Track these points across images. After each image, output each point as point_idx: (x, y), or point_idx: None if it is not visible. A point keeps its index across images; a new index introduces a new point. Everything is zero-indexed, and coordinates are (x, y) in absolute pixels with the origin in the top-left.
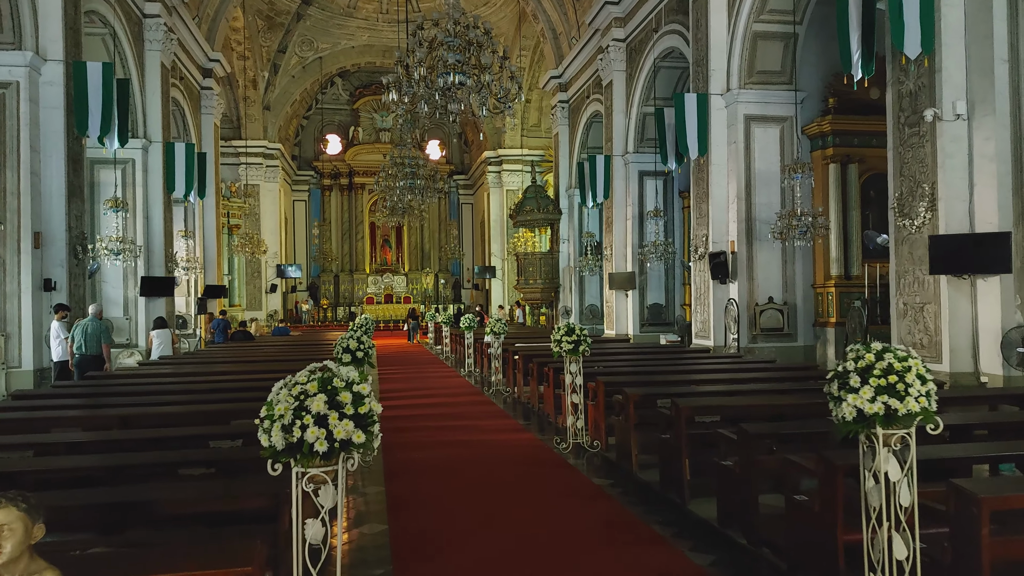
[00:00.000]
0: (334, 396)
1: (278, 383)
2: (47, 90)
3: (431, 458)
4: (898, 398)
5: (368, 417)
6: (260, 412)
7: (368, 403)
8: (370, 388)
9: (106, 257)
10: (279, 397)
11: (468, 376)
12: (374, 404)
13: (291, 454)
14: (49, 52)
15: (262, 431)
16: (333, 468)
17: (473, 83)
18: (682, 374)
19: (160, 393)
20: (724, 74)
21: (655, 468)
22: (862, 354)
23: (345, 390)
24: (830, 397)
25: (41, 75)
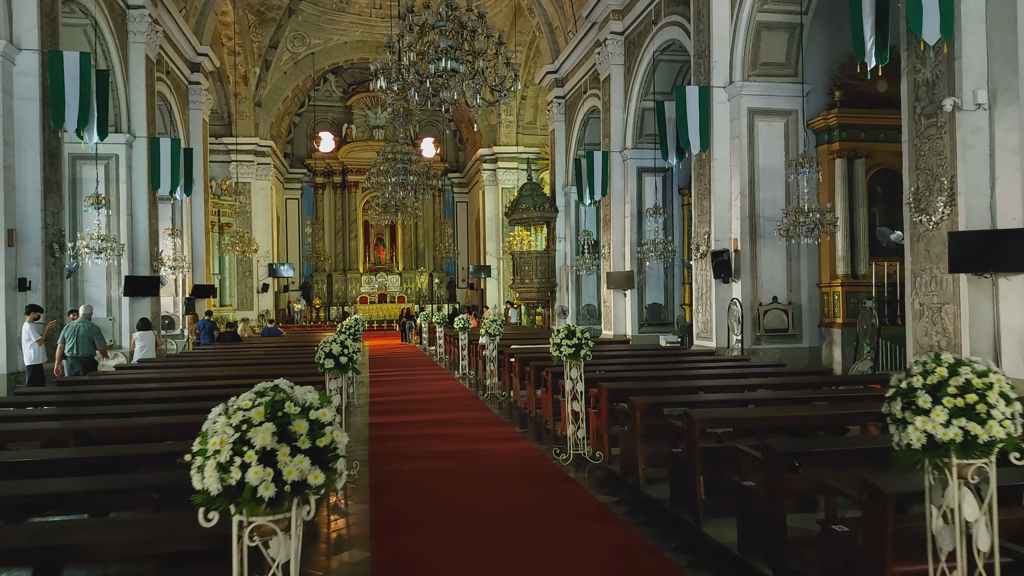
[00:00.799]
0: (286, 425)
1: (216, 408)
2: (22, 81)
3: (421, 471)
4: (978, 422)
5: (329, 451)
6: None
7: (330, 433)
8: (333, 414)
9: (87, 256)
10: (215, 427)
11: (462, 379)
12: (338, 434)
13: (230, 500)
14: (24, 41)
15: (195, 470)
16: (285, 516)
17: (467, 70)
18: (688, 379)
19: (132, 402)
20: (727, 66)
21: (663, 483)
22: (932, 367)
23: (300, 417)
24: (891, 419)
25: (15, 65)
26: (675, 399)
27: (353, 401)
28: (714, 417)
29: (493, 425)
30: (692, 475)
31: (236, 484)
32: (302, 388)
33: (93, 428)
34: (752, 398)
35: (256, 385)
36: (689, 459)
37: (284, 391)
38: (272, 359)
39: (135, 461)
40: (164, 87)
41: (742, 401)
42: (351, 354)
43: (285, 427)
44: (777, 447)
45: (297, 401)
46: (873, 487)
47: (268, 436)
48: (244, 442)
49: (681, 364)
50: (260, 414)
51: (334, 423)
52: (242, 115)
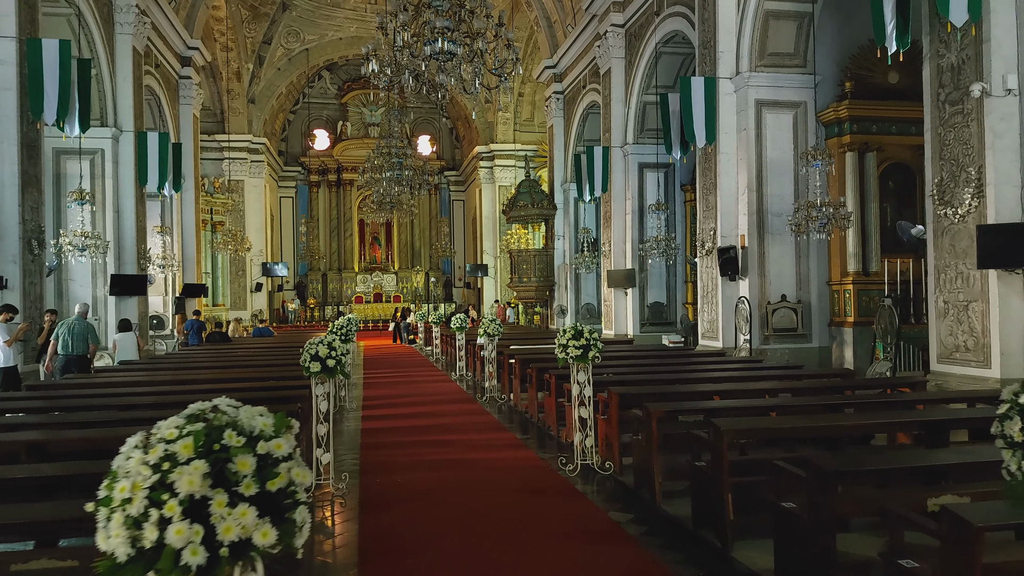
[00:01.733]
0: (225, 464)
1: (133, 438)
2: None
3: (415, 483)
4: None
5: (285, 497)
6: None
7: (286, 472)
8: (292, 445)
9: (70, 253)
10: (127, 466)
11: (460, 381)
12: (298, 473)
13: (144, 568)
14: (1, 28)
15: (100, 525)
16: None
17: (465, 52)
18: (700, 382)
19: (104, 408)
20: (733, 56)
21: (682, 498)
22: None
23: (244, 452)
24: (1007, 442)
25: None
26: (689, 405)
27: (345, 405)
28: (744, 428)
29: (492, 431)
30: (719, 492)
31: (153, 546)
32: (251, 409)
33: (51, 440)
34: (774, 404)
35: (191, 405)
36: (716, 474)
37: (225, 414)
38: (260, 360)
39: (93, 481)
40: (153, 81)
41: (763, 408)
42: (339, 356)
43: (224, 466)
44: (825, 465)
45: (242, 429)
46: (957, 518)
47: (198, 479)
48: (165, 487)
49: (690, 366)
50: (188, 448)
51: (294, 457)
52: (235, 112)
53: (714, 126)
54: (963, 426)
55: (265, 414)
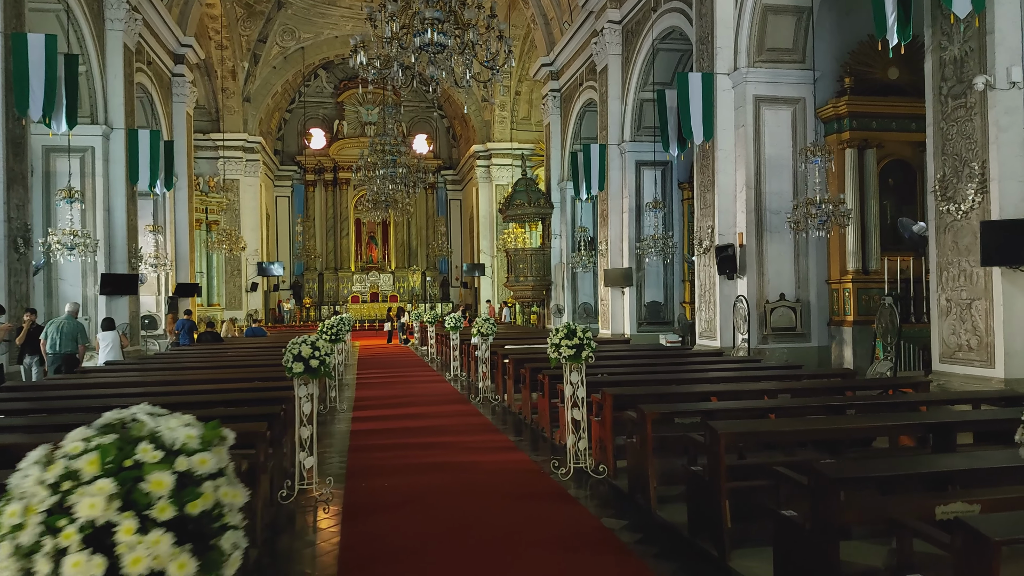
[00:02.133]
0: (135, 484)
1: (35, 451)
2: None
3: (403, 487)
4: None
5: (210, 521)
6: None
7: (212, 491)
8: (220, 460)
9: (59, 251)
10: (23, 485)
11: (454, 381)
12: (227, 491)
13: None
14: None
15: None
16: None
17: (455, 44)
18: (697, 383)
19: (78, 411)
20: (731, 52)
21: (677, 503)
22: None
23: (160, 469)
24: None
25: None
26: (686, 406)
27: (336, 406)
28: (742, 432)
29: (485, 432)
30: (716, 499)
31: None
32: (176, 419)
33: (23, 444)
34: (773, 406)
35: (106, 414)
36: (713, 480)
37: (144, 424)
38: (250, 361)
39: None
40: (145, 78)
41: (761, 410)
42: (323, 356)
43: (133, 486)
44: (828, 472)
45: (162, 441)
46: (973, 532)
47: (102, 502)
48: (63, 511)
49: (687, 366)
50: (94, 464)
51: (226, 474)
52: (230, 110)
53: (712, 123)
54: (969, 428)
55: (193, 424)
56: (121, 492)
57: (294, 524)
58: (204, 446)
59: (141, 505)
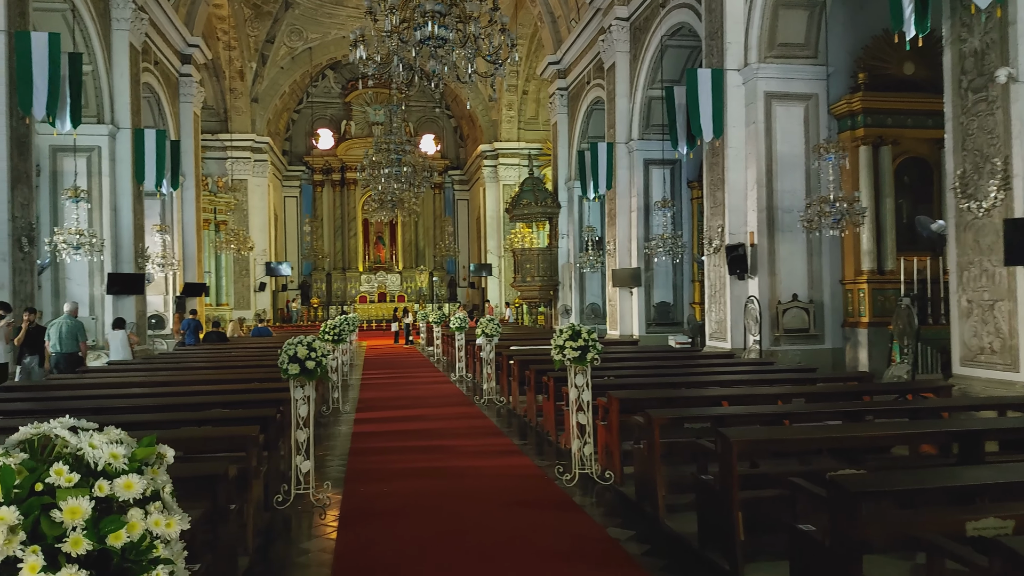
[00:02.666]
0: (44, 512)
1: None
2: None
3: (402, 493)
4: None
5: (140, 552)
6: None
7: (140, 520)
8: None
9: (65, 251)
10: None
11: (459, 382)
12: (157, 519)
13: None
14: None
15: None
16: None
17: (457, 38)
18: (708, 386)
19: (66, 412)
20: (742, 48)
21: (688, 512)
22: None
23: (76, 493)
24: None
25: None
26: (695, 411)
27: (339, 407)
28: (756, 439)
29: (489, 436)
30: (728, 509)
31: None
32: (102, 436)
33: None
34: (787, 411)
35: (22, 428)
36: (724, 489)
37: (64, 440)
38: (253, 361)
39: None
40: (152, 78)
41: (775, 415)
42: (319, 357)
43: (44, 514)
44: (849, 485)
45: (84, 461)
46: (1014, 555)
47: (2, 534)
48: None
49: (697, 368)
50: None
51: (162, 498)
52: (238, 111)
53: (722, 120)
54: (995, 436)
55: (122, 440)
56: (27, 522)
57: (289, 530)
58: (133, 466)
59: (51, 537)
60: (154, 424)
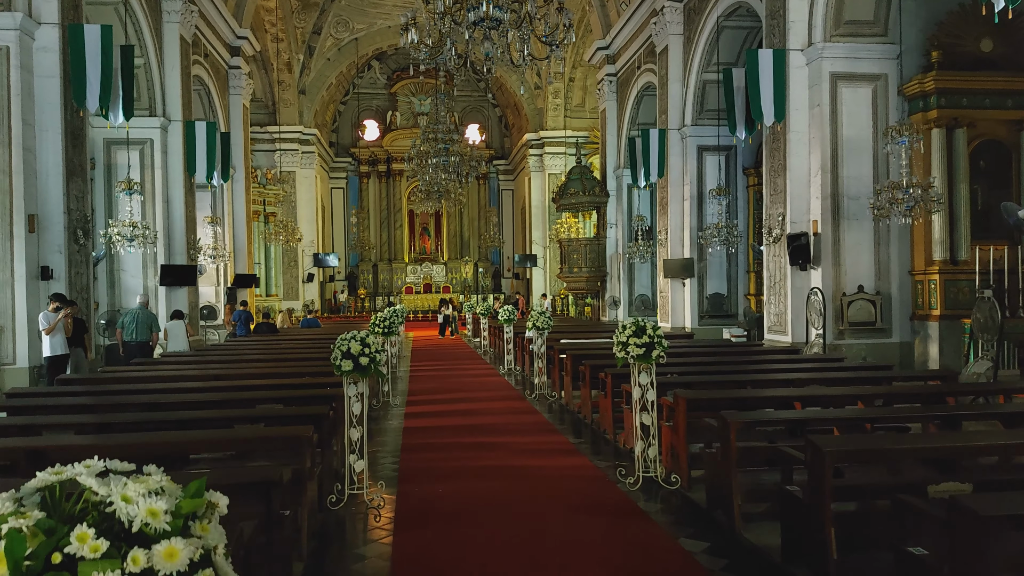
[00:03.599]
0: None
1: None
2: (42, 57)
3: (457, 495)
4: None
5: None
6: None
7: None
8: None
9: (119, 243)
10: None
11: (507, 375)
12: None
13: None
14: (43, 14)
15: None
16: None
17: (512, 19)
18: (778, 386)
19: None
20: (805, 26)
21: (764, 522)
22: None
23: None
24: None
25: (35, 40)
26: (772, 414)
27: (389, 400)
28: (851, 450)
29: (542, 433)
30: (819, 524)
31: None
32: (138, 484)
33: (53, 447)
34: (870, 415)
35: (39, 475)
36: (815, 503)
37: (91, 491)
38: (303, 354)
39: None
40: (202, 71)
41: (857, 420)
42: (373, 354)
43: None
44: (977, 508)
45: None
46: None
47: None
48: None
49: (761, 364)
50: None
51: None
52: (286, 103)
53: (784, 103)
54: None
55: (163, 490)
56: None
57: (344, 533)
58: (176, 525)
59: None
60: (207, 422)
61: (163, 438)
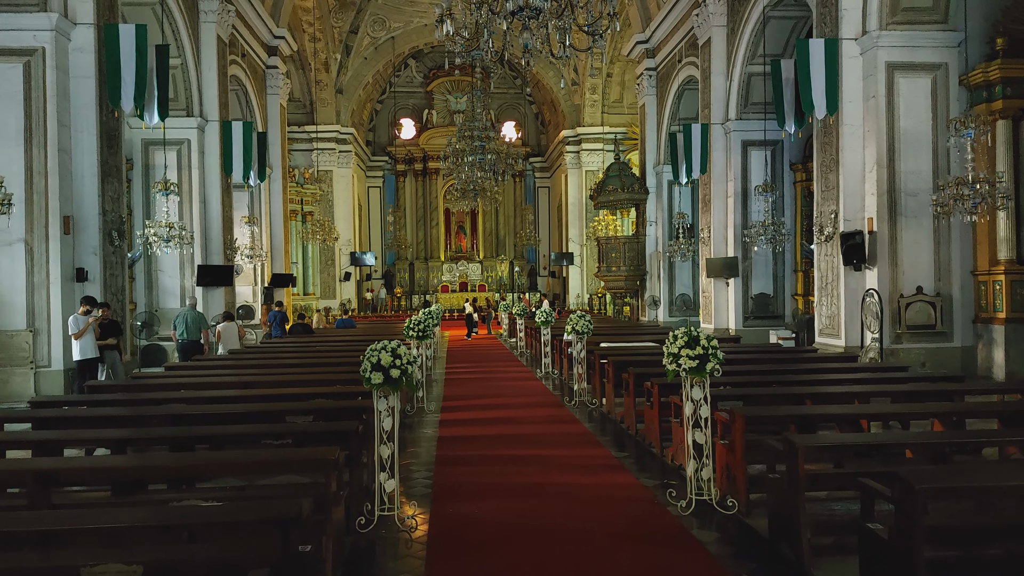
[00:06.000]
0: None
1: None
2: (77, 57)
3: (494, 517)
4: None
5: None
6: None
7: None
8: None
9: (156, 244)
10: None
11: (545, 379)
12: None
13: None
14: (79, 14)
15: None
16: None
17: (552, 7)
18: (841, 401)
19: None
20: (859, 14)
21: (834, 557)
22: None
23: None
24: None
25: (70, 40)
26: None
27: (424, 406)
28: (946, 487)
29: (583, 445)
30: (910, 571)
31: None
32: None
33: (64, 470)
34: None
35: None
36: (905, 547)
37: None
38: (337, 357)
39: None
40: (239, 70)
41: (940, 444)
42: (404, 366)
43: None
44: None
45: None
46: None
47: None
48: None
49: (817, 374)
50: None
51: None
52: (323, 102)
53: (836, 94)
54: None
55: None
56: None
57: (373, 560)
58: None
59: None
60: (234, 439)
61: (179, 461)
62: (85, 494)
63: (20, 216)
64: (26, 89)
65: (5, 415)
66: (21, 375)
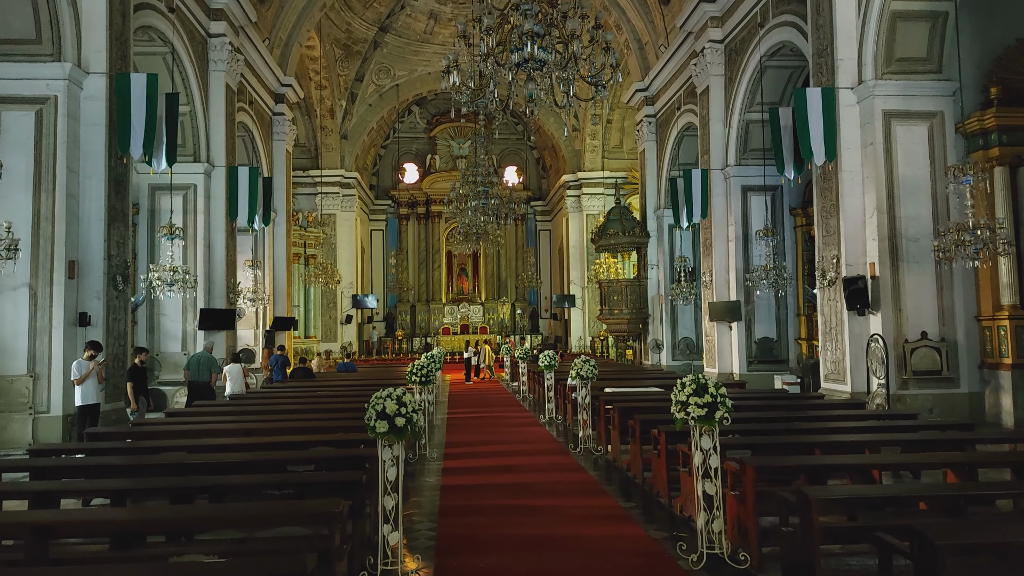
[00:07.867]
0: None
1: None
2: (88, 106)
3: (496, 570)
4: None
5: None
6: None
7: None
8: None
9: (159, 288)
10: None
11: (549, 425)
12: None
13: None
14: (92, 64)
15: None
16: None
17: (556, 60)
18: (852, 450)
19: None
20: (855, 64)
21: None
22: None
23: None
24: None
25: (82, 89)
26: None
27: (426, 453)
28: (967, 543)
29: (589, 495)
30: None
31: None
32: None
33: (62, 523)
34: (976, 493)
35: None
36: None
37: None
38: (338, 403)
39: None
40: (247, 117)
41: (958, 498)
42: (409, 414)
43: None
44: None
45: None
46: None
47: None
48: None
49: (825, 422)
50: None
51: None
52: (328, 147)
53: (835, 141)
54: None
55: None
56: None
57: None
58: None
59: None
60: (235, 489)
61: (179, 514)
62: (83, 547)
63: (26, 261)
64: (37, 136)
65: (3, 464)
66: (19, 421)
